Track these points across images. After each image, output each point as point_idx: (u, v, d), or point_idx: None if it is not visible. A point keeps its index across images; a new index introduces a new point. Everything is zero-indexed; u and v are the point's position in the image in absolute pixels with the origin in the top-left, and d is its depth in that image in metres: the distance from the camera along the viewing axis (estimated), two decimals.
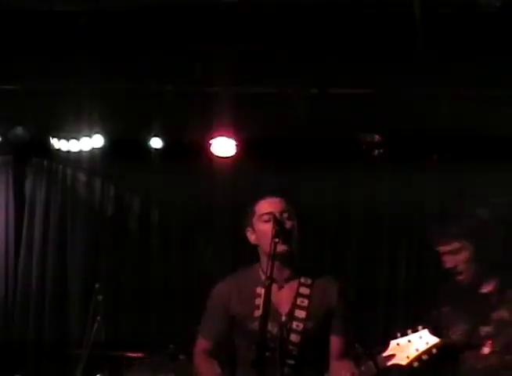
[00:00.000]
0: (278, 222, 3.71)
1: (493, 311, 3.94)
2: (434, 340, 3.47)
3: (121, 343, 6.98)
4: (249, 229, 3.90)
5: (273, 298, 3.72)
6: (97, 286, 6.12)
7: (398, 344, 3.51)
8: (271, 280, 3.57)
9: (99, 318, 6.05)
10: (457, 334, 3.94)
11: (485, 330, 3.92)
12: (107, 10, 5.65)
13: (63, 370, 7.52)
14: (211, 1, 5.58)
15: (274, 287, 3.70)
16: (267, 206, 3.84)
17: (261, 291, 3.68)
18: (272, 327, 3.75)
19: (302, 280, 3.87)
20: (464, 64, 6.04)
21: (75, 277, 7.91)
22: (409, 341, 3.49)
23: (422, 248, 7.55)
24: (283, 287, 3.85)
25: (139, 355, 6.63)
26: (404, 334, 3.51)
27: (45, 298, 7.93)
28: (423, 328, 3.49)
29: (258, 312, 3.63)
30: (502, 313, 3.92)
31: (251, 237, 3.90)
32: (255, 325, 3.66)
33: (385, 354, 3.53)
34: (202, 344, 4.03)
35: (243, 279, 3.94)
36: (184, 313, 7.68)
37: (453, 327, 3.94)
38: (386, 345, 3.54)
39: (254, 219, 3.86)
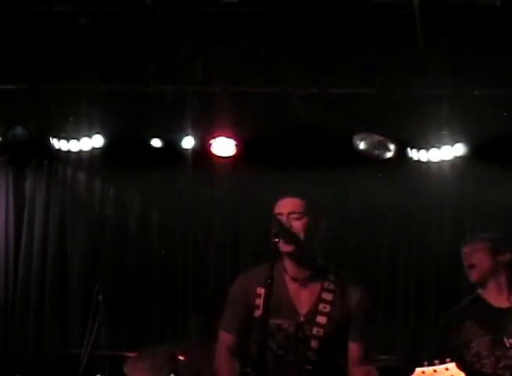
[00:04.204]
0: (278, 223, 3.71)
1: None
2: (460, 375, 3.43)
3: (121, 343, 6.98)
4: (272, 227, 3.92)
5: (293, 296, 3.75)
6: (97, 286, 6.13)
7: (423, 372, 3.46)
8: (271, 279, 3.55)
9: (99, 318, 6.05)
10: (481, 345, 3.93)
11: (510, 341, 3.92)
12: (107, 10, 5.65)
13: (63, 370, 7.52)
14: (211, 1, 5.59)
15: (296, 285, 3.75)
16: (280, 206, 3.86)
17: (261, 291, 3.67)
18: (289, 326, 3.74)
19: (325, 284, 3.84)
20: (465, 64, 6.04)
21: (75, 277, 7.90)
22: (435, 371, 3.44)
23: (423, 249, 7.56)
24: (306, 286, 3.83)
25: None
26: (431, 364, 3.46)
27: (44, 298, 7.92)
28: (451, 361, 3.45)
29: (258, 312, 3.62)
30: None
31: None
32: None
33: None
34: (224, 338, 3.92)
35: (261, 273, 3.90)
36: (184, 313, 7.70)
37: (477, 339, 3.94)
38: (411, 371, 3.49)
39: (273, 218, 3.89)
